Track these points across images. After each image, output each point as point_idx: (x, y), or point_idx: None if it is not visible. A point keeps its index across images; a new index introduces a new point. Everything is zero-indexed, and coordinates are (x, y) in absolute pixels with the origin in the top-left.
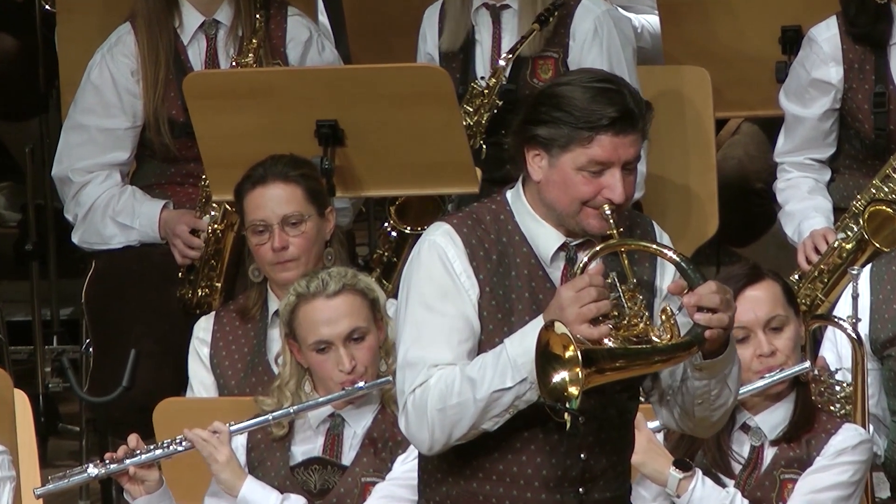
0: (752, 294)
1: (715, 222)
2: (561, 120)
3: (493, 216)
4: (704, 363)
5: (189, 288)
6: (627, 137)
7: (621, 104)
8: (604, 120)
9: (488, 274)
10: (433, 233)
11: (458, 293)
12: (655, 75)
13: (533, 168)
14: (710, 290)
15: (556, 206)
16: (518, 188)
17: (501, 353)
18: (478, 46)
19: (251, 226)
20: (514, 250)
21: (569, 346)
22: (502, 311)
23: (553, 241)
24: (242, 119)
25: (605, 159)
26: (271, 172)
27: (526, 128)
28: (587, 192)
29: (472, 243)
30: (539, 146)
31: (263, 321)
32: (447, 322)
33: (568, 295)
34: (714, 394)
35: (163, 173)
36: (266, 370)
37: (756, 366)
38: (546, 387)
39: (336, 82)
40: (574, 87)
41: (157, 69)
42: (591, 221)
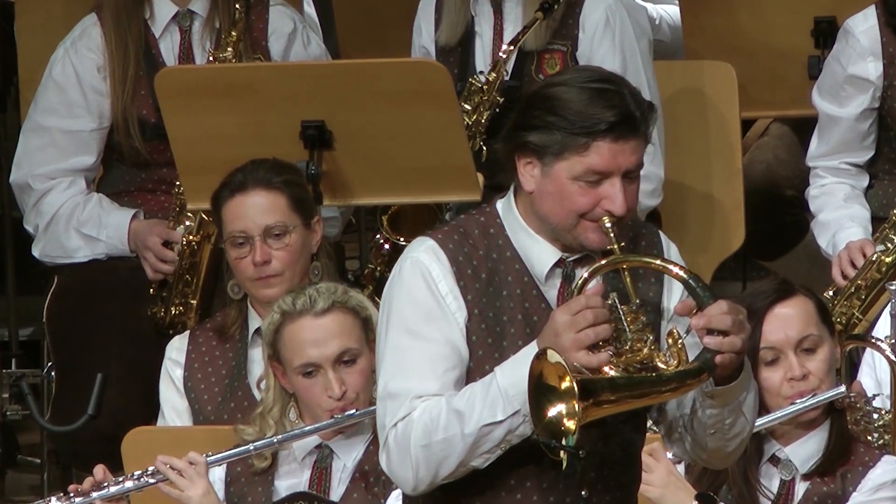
0: (782, 312)
1: (741, 233)
2: (554, 125)
3: (482, 230)
4: (716, 390)
5: (161, 306)
6: (628, 143)
7: (621, 107)
8: (602, 125)
9: (477, 294)
10: (416, 249)
11: (444, 316)
12: (674, 71)
13: (525, 177)
14: (720, 310)
15: (550, 219)
16: (509, 198)
17: (492, 384)
18: (478, 39)
19: (230, 238)
20: (505, 268)
21: (564, 377)
22: (493, 336)
23: (548, 258)
24: (220, 120)
25: (603, 168)
26: (252, 179)
27: (516, 133)
28: (584, 203)
29: (458, 260)
30: (531, 153)
31: (243, 341)
32: (432, 348)
33: (563, 319)
34: (728, 423)
35: (132, 179)
36: (246, 395)
37: (786, 390)
38: (540, 421)
39: (323, 79)
40: (569, 87)
41: (126, 65)
42: (589, 235)
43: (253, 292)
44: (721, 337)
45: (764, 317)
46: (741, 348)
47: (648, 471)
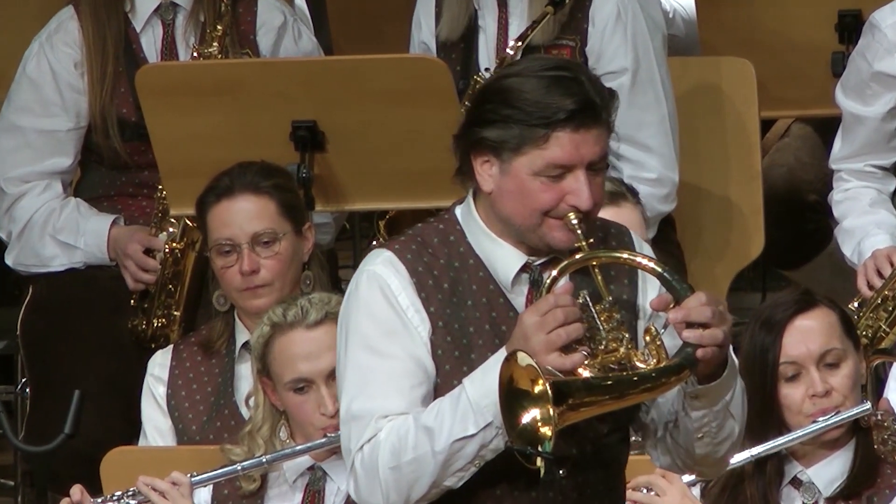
0: (804, 324)
1: (760, 241)
2: (511, 118)
3: (442, 238)
4: (700, 389)
5: (143, 318)
6: (590, 133)
7: (580, 94)
8: (560, 114)
9: (440, 306)
10: (372, 262)
11: (407, 331)
12: (690, 68)
13: (483, 177)
14: (699, 301)
15: (513, 220)
16: (468, 203)
17: (461, 396)
18: (481, 34)
19: (216, 245)
20: (468, 276)
21: (537, 380)
22: (459, 349)
23: (513, 262)
24: (205, 120)
25: (565, 161)
26: (239, 183)
27: (471, 130)
28: (548, 200)
29: (418, 271)
30: (487, 151)
31: (230, 356)
32: (395, 365)
33: (532, 321)
34: (716, 426)
35: (112, 183)
36: (233, 413)
37: (808, 408)
38: (514, 429)
39: (315, 76)
40: (524, 78)
41: (105, 61)
42: (555, 234)
43: (240, 303)
44: (701, 330)
45: (784, 330)
46: (723, 341)
47: (662, 493)
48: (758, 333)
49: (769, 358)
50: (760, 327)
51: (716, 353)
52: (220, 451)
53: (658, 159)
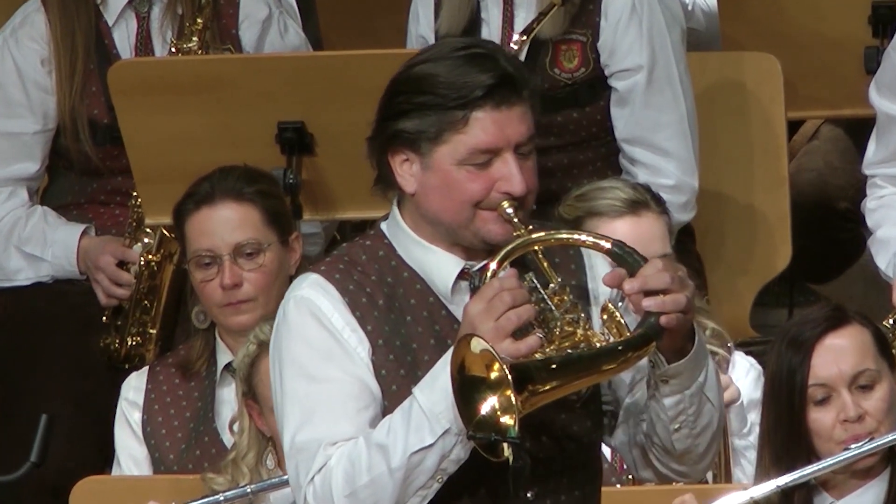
0: (835, 343)
1: (787, 252)
2: (425, 105)
3: (370, 254)
4: (671, 369)
5: (116, 336)
6: (513, 110)
7: (497, 69)
8: (478, 90)
9: (378, 324)
10: (297, 287)
11: (345, 353)
12: (711, 64)
13: (404, 178)
14: (655, 268)
15: (442, 219)
16: (393, 214)
17: (412, 407)
18: (484, 27)
19: (195, 257)
20: (404, 291)
21: (492, 365)
22: (404, 367)
23: (450, 269)
24: (183, 121)
25: (490, 143)
26: (220, 189)
27: (384, 127)
28: (477, 189)
29: (349, 290)
30: (404, 147)
31: (211, 378)
32: (337, 389)
33: (477, 309)
34: (692, 412)
35: (82, 190)
36: (214, 440)
37: (839, 434)
38: (471, 421)
39: (303, 73)
40: (434, 62)
41: (75, 57)
42: (490, 228)
43: (221, 320)
44: (662, 296)
45: (813, 349)
46: (686, 306)
47: None
48: (784, 353)
49: (797, 380)
50: (787, 346)
51: (681, 321)
52: (201, 480)
53: (676, 164)
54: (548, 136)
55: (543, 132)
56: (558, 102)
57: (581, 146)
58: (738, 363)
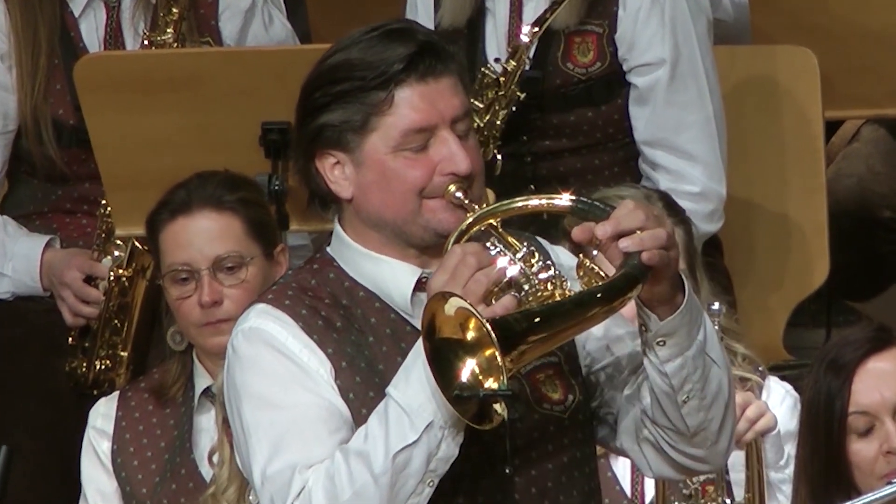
0: (877, 367)
1: (825, 266)
2: (345, 92)
3: (320, 278)
4: (665, 326)
5: (83, 359)
6: (441, 81)
7: (415, 39)
8: (397, 64)
9: (339, 346)
10: (244, 320)
11: (307, 375)
12: (740, 59)
13: (337, 183)
14: (627, 208)
15: (386, 217)
16: (336, 232)
17: (388, 407)
18: (489, 18)
19: (170, 272)
20: (363, 310)
21: (468, 322)
22: (373, 389)
23: (406, 279)
24: (158, 121)
25: (422, 122)
26: (198, 197)
27: (304, 128)
28: (418, 176)
29: (302, 314)
30: (331, 147)
31: (188, 405)
32: (304, 412)
33: (441, 280)
34: (698, 378)
35: (46, 198)
36: (191, 473)
37: (882, 467)
38: (451, 390)
39: (289, 69)
40: (346, 49)
41: (37, 51)
42: (440, 217)
43: (199, 341)
44: (639, 233)
45: (854, 373)
46: (668, 241)
47: None
48: (823, 378)
49: (836, 407)
50: (826, 371)
51: (664, 258)
52: None
53: (702, 169)
54: (559, 138)
55: (555, 133)
56: (571, 100)
57: (596, 149)
58: (772, 389)
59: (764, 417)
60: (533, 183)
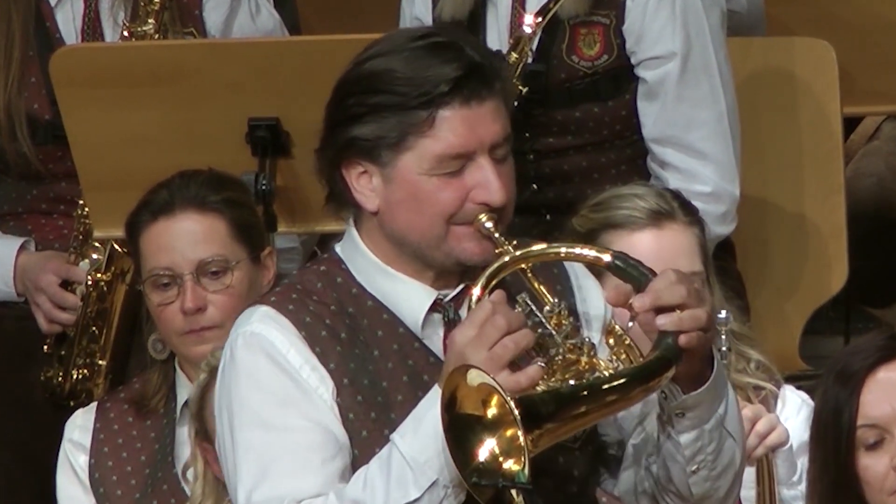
0: (888, 377)
1: (843, 270)
2: (383, 105)
3: (327, 282)
4: (688, 400)
5: (59, 368)
6: (483, 106)
7: (463, 58)
8: (443, 85)
9: (341, 360)
10: (244, 322)
11: (305, 395)
12: (754, 52)
13: (363, 194)
14: (668, 280)
15: (409, 238)
16: (350, 235)
17: (392, 456)
18: (490, 9)
19: (152, 277)
20: (369, 322)
21: (490, 400)
22: (375, 409)
23: (420, 301)
24: (138, 117)
25: (461, 147)
26: (181, 197)
27: (335, 135)
28: (449, 200)
29: (306, 322)
30: (361, 158)
31: (169, 416)
32: (298, 438)
33: (467, 336)
34: (712, 451)
35: (20, 197)
36: (174, 488)
37: (893, 483)
38: (467, 469)
39: (278, 62)
40: (388, 56)
41: (10, 43)
42: (465, 246)
43: (182, 350)
44: (678, 312)
45: (862, 384)
46: (706, 323)
47: None
48: (831, 388)
49: (844, 419)
50: (835, 380)
51: (701, 340)
52: None
53: (714, 168)
54: (564, 135)
55: (559, 130)
56: (576, 95)
57: (603, 147)
58: (788, 399)
59: (775, 432)
60: (535, 182)
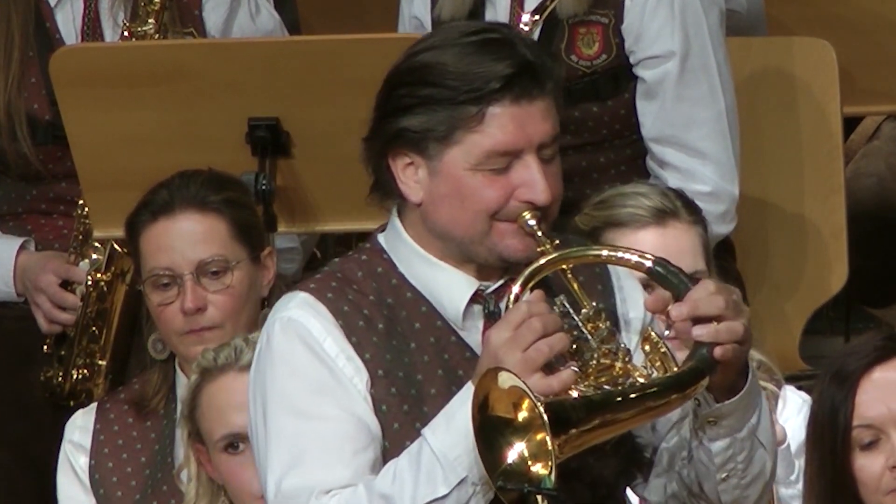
0: (885, 377)
1: (843, 270)
2: (433, 98)
3: (367, 271)
4: (721, 409)
5: (59, 368)
6: (534, 105)
7: (515, 56)
8: (494, 82)
9: (378, 351)
10: (283, 308)
11: (340, 385)
12: (754, 51)
13: (408, 186)
14: (707, 291)
15: (453, 232)
16: (393, 225)
17: (422, 451)
18: (489, 8)
19: (151, 277)
20: (407, 313)
21: (521, 404)
22: (409, 401)
23: (461, 291)
24: (138, 117)
25: (509, 144)
26: (180, 198)
27: (384, 125)
28: (494, 197)
29: (344, 311)
30: (408, 149)
31: (169, 417)
32: (331, 428)
33: (502, 337)
34: (742, 459)
35: (20, 198)
36: (173, 489)
37: (888, 483)
38: (496, 471)
39: (277, 62)
40: (441, 49)
41: (10, 43)
42: (508, 243)
43: (182, 350)
44: (715, 324)
45: (858, 384)
46: (744, 336)
47: None
48: (827, 388)
49: (840, 419)
50: (831, 381)
51: (737, 352)
52: None
53: (713, 168)
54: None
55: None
56: (575, 95)
57: (602, 146)
58: (789, 399)
59: None
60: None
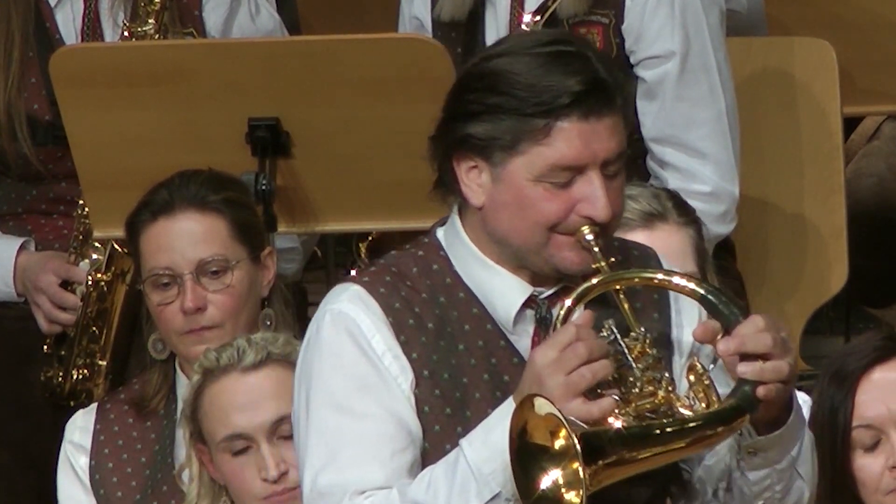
0: (884, 377)
1: (843, 271)
2: (501, 107)
3: (423, 267)
4: (761, 441)
5: (59, 368)
6: (602, 122)
7: (586, 72)
8: (563, 97)
9: (425, 351)
10: (335, 299)
11: (384, 383)
12: (755, 52)
13: (470, 189)
14: (755, 327)
15: (510, 240)
16: (453, 222)
17: (458, 462)
18: (489, 8)
19: (151, 276)
20: (458, 314)
21: (558, 432)
22: (452, 404)
23: (515, 295)
24: (138, 117)
25: (573, 160)
26: (180, 197)
27: (451, 128)
28: (554, 210)
29: (395, 308)
30: (473, 153)
31: (170, 417)
32: (371, 427)
33: (547, 359)
34: (780, 489)
35: (20, 198)
36: (173, 490)
37: (888, 483)
38: (530, 496)
39: (277, 62)
40: (513, 57)
41: (10, 43)
42: (565, 255)
43: (182, 350)
44: (760, 362)
45: (857, 384)
46: (788, 375)
47: None
48: (827, 389)
49: (839, 420)
50: (830, 381)
51: (780, 392)
52: None
53: (713, 168)
54: None
55: None
56: None
57: None
58: None
59: None
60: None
